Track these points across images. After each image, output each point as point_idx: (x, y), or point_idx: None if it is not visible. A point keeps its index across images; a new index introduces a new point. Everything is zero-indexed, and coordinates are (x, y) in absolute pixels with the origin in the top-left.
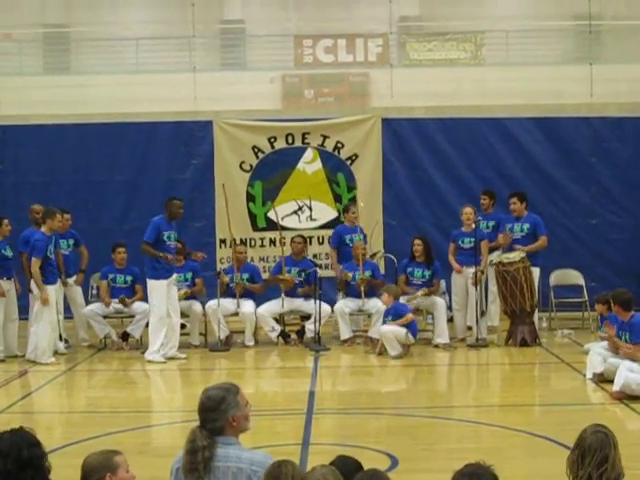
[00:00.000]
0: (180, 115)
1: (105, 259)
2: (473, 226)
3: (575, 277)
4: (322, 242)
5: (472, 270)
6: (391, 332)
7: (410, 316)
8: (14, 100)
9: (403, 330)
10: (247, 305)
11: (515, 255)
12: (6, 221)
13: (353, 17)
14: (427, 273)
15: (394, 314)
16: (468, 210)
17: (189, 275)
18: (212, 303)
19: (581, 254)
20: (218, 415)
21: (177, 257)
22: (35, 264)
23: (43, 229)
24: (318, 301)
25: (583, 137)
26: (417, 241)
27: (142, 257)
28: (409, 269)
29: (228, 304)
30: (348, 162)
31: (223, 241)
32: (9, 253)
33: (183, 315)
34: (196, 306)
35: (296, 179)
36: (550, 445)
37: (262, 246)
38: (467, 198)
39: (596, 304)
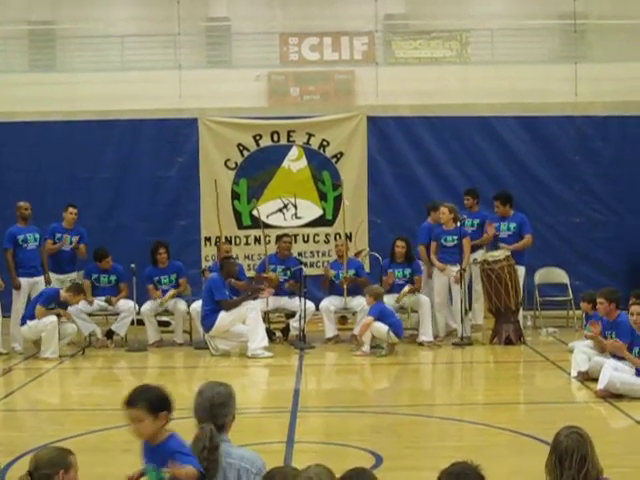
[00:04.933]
0: (165, 113)
1: (89, 257)
2: (458, 224)
3: (560, 275)
4: (307, 240)
5: (455, 269)
6: (374, 328)
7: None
8: None
9: (385, 327)
10: None
11: (500, 253)
12: None
13: (339, 15)
14: (407, 271)
15: (380, 316)
16: (443, 209)
17: (173, 277)
18: (196, 305)
19: (565, 252)
20: (227, 411)
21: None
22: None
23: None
24: (303, 299)
25: (567, 136)
26: (400, 242)
27: (128, 255)
28: (390, 270)
29: None
30: (333, 160)
31: (208, 239)
32: None
33: (168, 313)
34: (180, 304)
35: (281, 177)
36: (534, 443)
37: (247, 244)
38: (452, 196)
39: (581, 302)
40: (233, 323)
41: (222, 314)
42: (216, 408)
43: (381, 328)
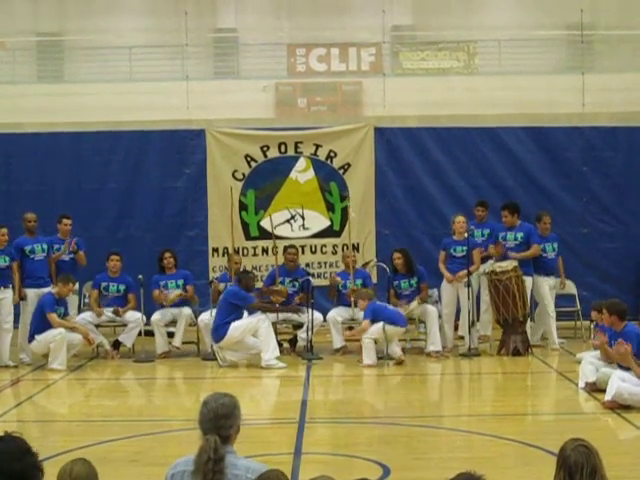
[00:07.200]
0: (173, 124)
1: (98, 267)
2: (466, 235)
3: (567, 286)
4: (315, 251)
5: (465, 280)
6: (369, 336)
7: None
8: (7, 108)
9: (379, 326)
10: None
11: (507, 264)
12: (3, 230)
13: (346, 26)
14: (413, 281)
15: (373, 316)
16: (461, 219)
17: (180, 282)
18: (204, 317)
19: (573, 263)
20: (232, 422)
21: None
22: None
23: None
24: (310, 310)
25: (575, 146)
26: (397, 255)
27: (136, 266)
28: (395, 282)
29: None
30: (341, 171)
31: (216, 250)
32: (4, 262)
33: (173, 320)
34: (186, 310)
35: (289, 188)
36: (542, 454)
37: (255, 255)
38: (460, 207)
39: (592, 312)
40: (244, 335)
41: (233, 325)
42: (221, 419)
43: (377, 329)
